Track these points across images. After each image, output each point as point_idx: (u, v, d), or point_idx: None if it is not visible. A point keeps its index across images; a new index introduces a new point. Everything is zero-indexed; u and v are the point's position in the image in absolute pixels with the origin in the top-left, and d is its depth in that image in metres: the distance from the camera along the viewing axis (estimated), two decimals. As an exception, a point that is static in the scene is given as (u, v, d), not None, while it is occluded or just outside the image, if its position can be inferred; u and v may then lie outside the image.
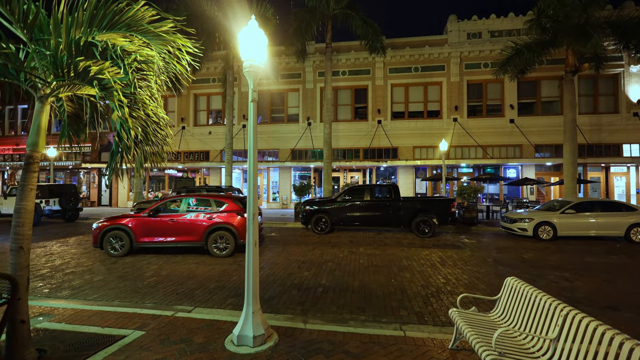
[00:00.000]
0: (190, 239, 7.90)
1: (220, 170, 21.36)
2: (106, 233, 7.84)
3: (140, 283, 5.71)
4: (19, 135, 23.07)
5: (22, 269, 2.85)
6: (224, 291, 5.29)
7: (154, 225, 7.95)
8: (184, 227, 7.94)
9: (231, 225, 7.86)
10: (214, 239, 7.86)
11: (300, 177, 21.08)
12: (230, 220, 7.91)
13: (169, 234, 7.92)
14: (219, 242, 7.87)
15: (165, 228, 7.93)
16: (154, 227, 7.94)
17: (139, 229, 7.93)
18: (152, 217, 7.99)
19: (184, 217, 8.02)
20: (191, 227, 7.93)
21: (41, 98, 2.99)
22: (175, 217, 8.00)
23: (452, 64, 19.04)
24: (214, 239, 7.86)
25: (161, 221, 7.96)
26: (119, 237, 7.86)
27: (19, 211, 2.84)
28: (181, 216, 8.03)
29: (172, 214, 8.09)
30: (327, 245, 9.15)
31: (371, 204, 11.02)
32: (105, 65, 2.68)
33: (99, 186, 22.45)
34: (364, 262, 7.29)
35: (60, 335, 3.38)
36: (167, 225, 7.94)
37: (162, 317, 3.97)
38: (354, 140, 19.78)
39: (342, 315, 4.36)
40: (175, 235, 7.92)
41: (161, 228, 7.94)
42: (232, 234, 7.85)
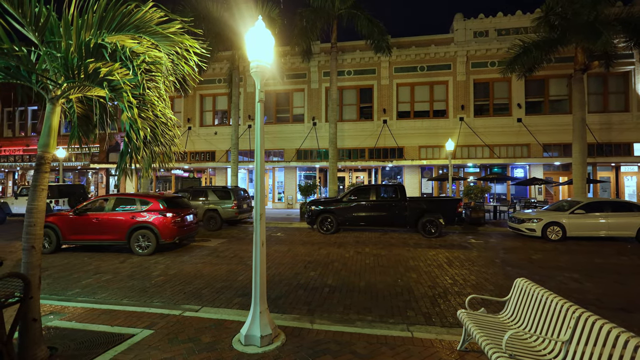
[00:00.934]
0: (114, 237, 8.03)
1: (226, 171, 21.49)
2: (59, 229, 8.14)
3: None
4: (29, 136, 23.45)
5: (34, 268, 2.89)
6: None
7: (81, 223, 8.11)
8: (109, 226, 8.05)
9: (152, 225, 7.93)
10: (136, 238, 7.95)
11: (306, 177, 21.09)
12: (152, 220, 7.98)
13: (94, 233, 8.08)
14: (140, 240, 7.94)
15: (91, 226, 8.08)
16: (80, 225, 8.11)
17: (66, 227, 8.12)
18: (78, 215, 8.18)
19: (109, 216, 8.13)
20: (115, 226, 8.04)
21: (52, 100, 3.03)
22: (101, 216, 8.13)
23: (459, 63, 18.88)
24: (136, 237, 7.95)
25: (87, 220, 8.11)
26: (47, 234, 8.03)
27: (31, 211, 2.88)
28: (106, 215, 8.15)
29: (98, 212, 8.23)
30: (333, 245, 9.14)
31: (377, 204, 10.99)
32: (114, 66, 2.71)
33: (107, 186, 22.72)
34: (370, 262, 7.26)
35: (71, 334, 3.43)
36: (93, 224, 8.08)
37: (170, 317, 3.99)
38: (360, 140, 19.73)
39: (348, 315, 4.35)
40: (100, 234, 8.08)
41: (87, 226, 8.09)
42: (153, 233, 7.91)
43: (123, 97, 2.63)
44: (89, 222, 8.11)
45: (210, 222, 11.84)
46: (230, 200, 11.88)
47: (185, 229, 8.58)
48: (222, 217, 11.79)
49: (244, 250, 8.51)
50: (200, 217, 12.00)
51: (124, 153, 2.73)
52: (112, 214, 8.15)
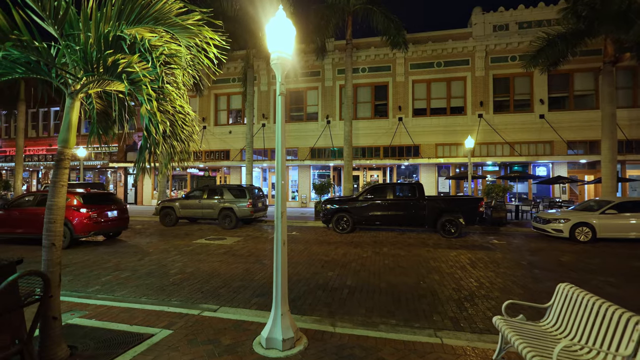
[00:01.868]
0: (35, 231, 8.44)
1: (240, 169, 21.59)
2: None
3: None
4: (52, 136, 24.20)
5: (54, 266, 2.84)
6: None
7: (7, 218, 8.72)
8: (31, 220, 8.54)
9: (67, 219, 8.20)
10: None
11: (320, 175, 20.95)
12: (67, 215, 8.19)
13: (19, 227, 8.65)
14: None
15: (16, 221, 8.67)
16: (11, 219, 8.70)
17: (4, 221, 8.75)
18: (5, 210, 8.83)
19: (31, 211, 8.63)
20: (36, 220, 8.39)
21: (71, 94, 2.98)
22: (25, 212, 8.68)
23: (477, 58, 18.31)
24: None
25: (13, 215, 8.72)
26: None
27: (51, 208, 2.83)
28: (29, 210, 8.66)
29: (23, 208, 8.79)
30: (349, 245, 8.96)
31: (394, 203, 10.73)
32: (133, 58, 2.62)
33: (125, 185, 23.21)
34: (389, 263, 7.05)
35: (91, 332, 3.38)
36: (17, 218, 8.68)
37: (189, 316, 3.91)
38: (374, 138, 19.43)
39: (371, 318, 4.17)
40: (24, 228, 8.62)
41: (13, 221, 8.69)
42: (67, 227, 8.25)
43: (142, 90, 2.53)
44: (15, 217, 8.70)
45: (226, 221, 11.84)
46: (246, 199, 11.85)
47: (104, 224, 8.93)
48: (237, 216, 11.78)
49: (259, 249, 8.44)
50: (215, 215, 12.05)
51: (143, 148, 2.63)
52: (35, 209, 8.61)
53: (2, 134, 25.32)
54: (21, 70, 2.97)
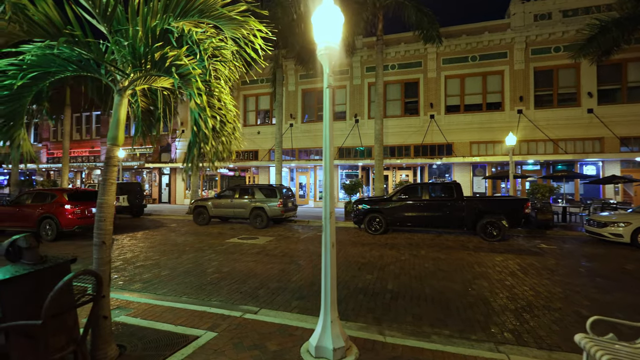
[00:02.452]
0: (28, 225, 9.54)
1: (268, 169, 21.74)
2: None
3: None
4: (94, 139, 25.66)
5: (104, 264, 2.81)
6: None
7: (9, 213, 9.90)
8: (25, 215, 9.74)
9: (53, 214, 9.33)
10: (44, 226, 9.40)
11: (347, 175, 20.65)
12: (54, 210, 9.40)
13: (17, 220, 9.82)
14: (47, 228, 9.38)
15: (15, 215, 9.83)
16: (9, 214, 9.89)
17: (4, 216, 9.97)
18: (7, 207, 10.13)
19: (26, 206, 9.86)
20: (29, 215, 9.65)
21: (120, 91, 2.94)
22: (20, 207, 9.90)
23: (516, 50, 17.24)
24: (44, 225, 9.40)
25: (13, 210, 9.90)
26: None
27: (101, 205, 2.80)
28: (24, 207, 9.87)
29: (21, 205, 9.96)
30: (384, 247, 8.63)
31: (430, 203, 10.24)
32: (182, 51, 2.52)
33: (159, 184, 24.14)
34: (430, 266, 6.66)
35: (137, 332, 3.35)
36: (21, 214, 9.79)
37: (231, 318, 3.81)
38: (404, 137, 18.85)
39: (421, 327, 3.87)
40: (19, 222, 9.76)
41: (14, 215, 9.85)
42: (54, 222, 9.30)
43: (192, 84, 2.42)
44: (13, 212, 9.92)
45: (257, 220, 11.88)
46: (276, 199, 11.82)
47: (88, 219, 9.82)
48: (268, 215, 11.78)
49: (292, 249, 8.32)
50: (247, 214, 12.12)
51: (192, 144, 2.53)
52: (31, 207, 9.79)
53: (50, 137, 27.20)
54: (72, 68, 2.98)
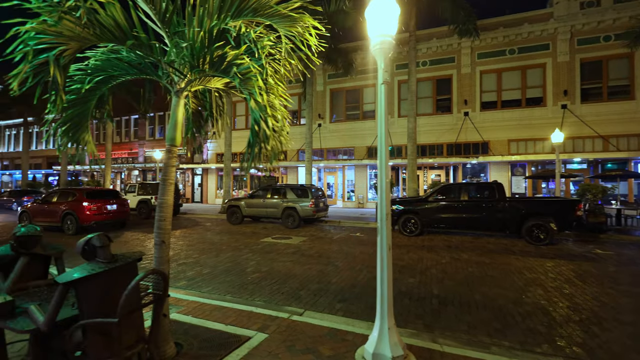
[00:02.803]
0: (54, 220, 10.93)
1: (297, 169, 21.89)
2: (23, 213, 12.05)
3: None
4: (132, 141, 27.05)
5: (164, 263, 2.86)
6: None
7: (40, 209, 11.48)
8: (51, 212, 11.11)
9: (73, 211, 10.62)
10: (67, 221, 10.74)
11: (377, 175, 20.29)
12: (74, 207, 10.67)
13: (45, 216, 11.16)
14: (68, 224, 10.69)
15: (45, 212, 11.28)
16: (39, 210, 11.47)
17: (33, 211, 11.60)
18: (39, 204, 11.69)
19: (53, 203, 11.25)
20: (55, 212, 11.01)
21: (177, 92, 2.98)
22: (48, 205, 11.32)
23: (560, 41, 16.15)
24: (66, 221, 10.73)
25: (43, 207, 11.43)
26: (25, 217, 11.76)
27: (161, 205, 2.85)
28: (52, 204, 11.26)
29: (49, 202, 11.41)
30: (421, 249, 8.34)
31: (470, 204, 9.79)
32: (240, 50, 2.49)
33: (192, 184, 25.02)
34: (475, 271, 6.33)
35: (191, 330, 3.40)
36: (48, 210, 11.21)
37: (279, 319, 3.78)
38: (436, 135, 18.25)
39: (477, 337, 3.64)
40: (48, 217, 11.11)
41: (43, 212, 11.32)
42: (74, 217, 10.55)
43: (252, 82, 2.39)
44: (44, 209, 11.39)
45: (289, 220, 11.94)
46: (308, 199, 11.82)
47: (104, 216, 11.18)
48: (300, 215, 11.80)
49: (327, 250, 8.25)
50: (279, 214, 12.21)
51: (252, 144, 2.50)
52: (56, 204, 11.17)
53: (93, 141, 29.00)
54: (132, 71, 3.07)
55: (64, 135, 3.06)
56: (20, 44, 2.14)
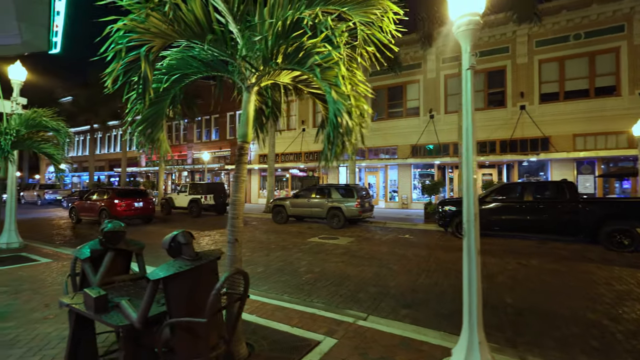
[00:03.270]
0: (93, 214, 13.06)
1: (337, 169, 21.69)
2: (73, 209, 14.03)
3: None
4: (182, 144, 28.73)
5: (237, 262, 2.81)
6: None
7: (84, 206, 13.52)
8: (92, 207, 13.15)
9: (107, 207, 12.60)
10: (102, 216, 12.62)
11: (421, 175, 19.50)
12: (107, 204, 12.68)
13: (89, 212, 13.28)
14: (103, 217, 12.44)
15: (87, 208, 13.39)
16: (83, 207, 13.50)
17: (79, 207, 13.70)
18: (83, 200, 13.81)
19: (93, 201, 13.33)
20: (94, 208, 13.07)
21: (248, 88, 2.93)
22: (91, 202, 13.37)
23: (636, 21, 14.24)
24: (102, 215, 12.63)
25: (87, 204, 13.43)
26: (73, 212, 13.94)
27: (234, 203, 2.81)
28: (93, 200, 13.33)
29: (90, 200, 13.50)
30: (481, 254, 7.70)
31: (535, 205, 8.90)
32: (318, 39, 2.35)
33: (236, 185, 25.91)
34: (550, 279, 5.67)
35: (258, 330, 3.34)
36: (89, 206, 13.32)
37: (345, 324, 3.61)
38: (488, 132, 17.01)
39: (573, 356, 3.16)
40: (89, 212, 13.26)
41: (86, 208, 13.41)
42: (108, 212, 12.47)
43: (333, 71, 2.23)
44: (86, 205, 13.39)
45: (334, 220, 11.79)
46: (354, 199, 11.58)
47: (132, 212, 13.03)
48: (345, 215, 11.60)
49: (377, 252, 7.95)
50: (323, 214, 12.12)
51: (332, 138, 2.34)
52: (94, 201, 13.23)
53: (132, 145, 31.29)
54: (204, 69, 3.07)
55: (141, 134, 3.15)
56: (111, 43, 2.18)
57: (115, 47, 2.15)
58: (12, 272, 5.60)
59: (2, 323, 3.47)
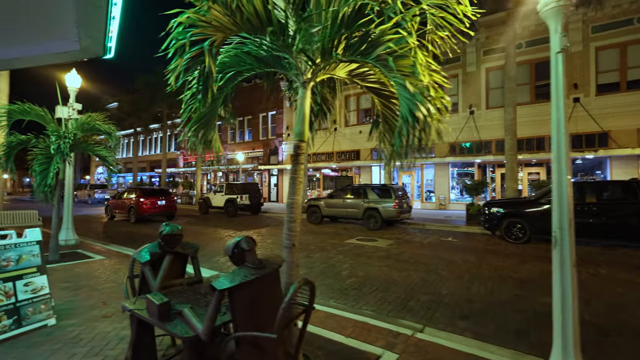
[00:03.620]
0: (124, 211, 14.45)
1: (370, 169, 21.27)
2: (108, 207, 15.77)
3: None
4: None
5: (294, 268, 2.66)
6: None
7: (116, 204, 15.12)
8: (123, 205, 14.57)
9: (134, 205, 13.82)
10: (130, 213, 14.08)
11: (459, 174, 18.55)
12: (134, 202, 13.89)
13: (120, 209, 14.76)
14: (131, 214, 14.07)
15: (119, 205, 14.85)
16: (115, 204, 15.10)
17: (112, 205, 15.28)
18: (117, 199, 15.31)
19: (123, 199, 14.76)
20: (124, 205, 14.46)
21: (304, 83, 2.76)
22: (122, 200, 14.78)
23: None
24: (130, 212, 14.08)
25: (119, 202, 14.92)
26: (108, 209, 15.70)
27: (291, 205, 2.66)
28: (123, 199, 14.75)
29: (122, 198, 14.86)
30: (537, 260, 7.06)
31: (600, 208, 8.02)
32: (388, 25, 2.11)
33: (268, 184, 26.28)
34: (627, 292, 5.02)
35: (312, 340, 3.17)
36: (120, 204, 14.79)
37: (403, 336, 3.34)
38: (535, 127, 15.78)
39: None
40: (120, 209, 14.70)
41: (118, 205, 14.90)
42: (135, 210, 13.81)
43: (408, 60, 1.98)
44: (118, 203, 14.89)
45: (370, 221, 11.46)
46: (391, 199, 11.18)
47: (156, 209, 14.25)
48: (382, 217, 11.23)
49: (422, 256, 7.54)
50: (359, 215, 11.83)
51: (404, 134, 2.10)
52: (125, 199, 14.61)
53: (185, 146, 32.65)
54: (257, 65, 2.95)
55: (194, 135, 3.09)
56: (171, 40, 2.10)
57: (175, 43, 2.06)
58: (71, 269, 5.92)
59: (65, 320, 3.59)
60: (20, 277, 3.32)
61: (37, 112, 6.20)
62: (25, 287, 3.32)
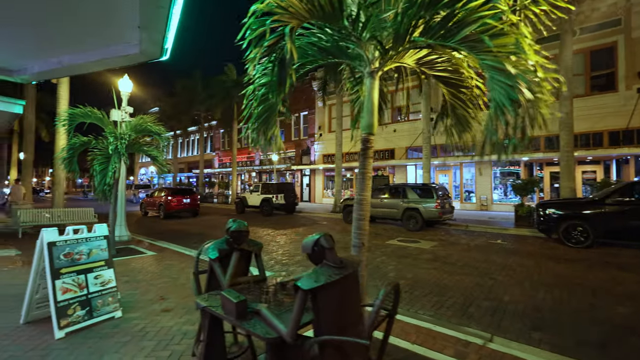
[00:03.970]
0: (155, 208, 15.78)
1: (405, 168, 20.70)
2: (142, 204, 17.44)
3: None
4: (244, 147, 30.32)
5: (363, 268, 2.50)
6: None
7: (148, 202, 16.57)
8: (154, 202, 15.92)
9: (163, 203, 15.16)
10: (160, 210, 15.30)
11: (502, 173, 17.49)
12: (163, 200, 15.19)
13: (152, 207, 16.11)
14: (160, 211, 15.33)
15: (151, 203, 16.26)
16: (148, 202, 16.58)
17: (146, 203, 16.80)
18: (149, 197, 16.66)
19: (154, 197, 16.10)
20: (155, 203, 15.77)
21: (372, 73, 2.62)
22: (153, 198, 16.11)
23: None
24: (160, 209, 15.30)
25: (151, 200, 16.35)
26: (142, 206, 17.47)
27: (360, 202, 2.52)
28: (154, 197, 16.07)
29: (154, 197, 16.24)
30: (605, 266, 6.39)
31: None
32: (478, 2, 1.89)
33: (301, 184, 26.44)
34: None
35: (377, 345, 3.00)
36: (152, 202, 16.17)
37: (473, 345, 3.09)
38: (591, 122, 14.49)
39: None
40: (152, 207, 16.04)
41: (150, 203, 16.31)
42: (163, 207, 15.09)
43: (509, 38, 1.76)
44: (151, 201, 16.25)
45: (410, 222, 11.07)
46: (433, 200, 10.72)
47: (181, 206, 15.55)
48: (423, 217, 10.80)
49: (471, 259, 7.11)
50: (399, 215, 11.47)
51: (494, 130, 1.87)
52: (155, 197, 15.94)
53: (220, 147, 33.77)
54: (320, 56, 2.84)
55: (255, 131, 3.04)
56: (247, 30, 2.04)
57: (252, 33, 2.00)
58: (127, 263, 6.21)
59: (129, 313, 3.72)
60: (90, 270, 3.47)
61: (96, 115, 6.58)
62: (95, 279, 3.47)
